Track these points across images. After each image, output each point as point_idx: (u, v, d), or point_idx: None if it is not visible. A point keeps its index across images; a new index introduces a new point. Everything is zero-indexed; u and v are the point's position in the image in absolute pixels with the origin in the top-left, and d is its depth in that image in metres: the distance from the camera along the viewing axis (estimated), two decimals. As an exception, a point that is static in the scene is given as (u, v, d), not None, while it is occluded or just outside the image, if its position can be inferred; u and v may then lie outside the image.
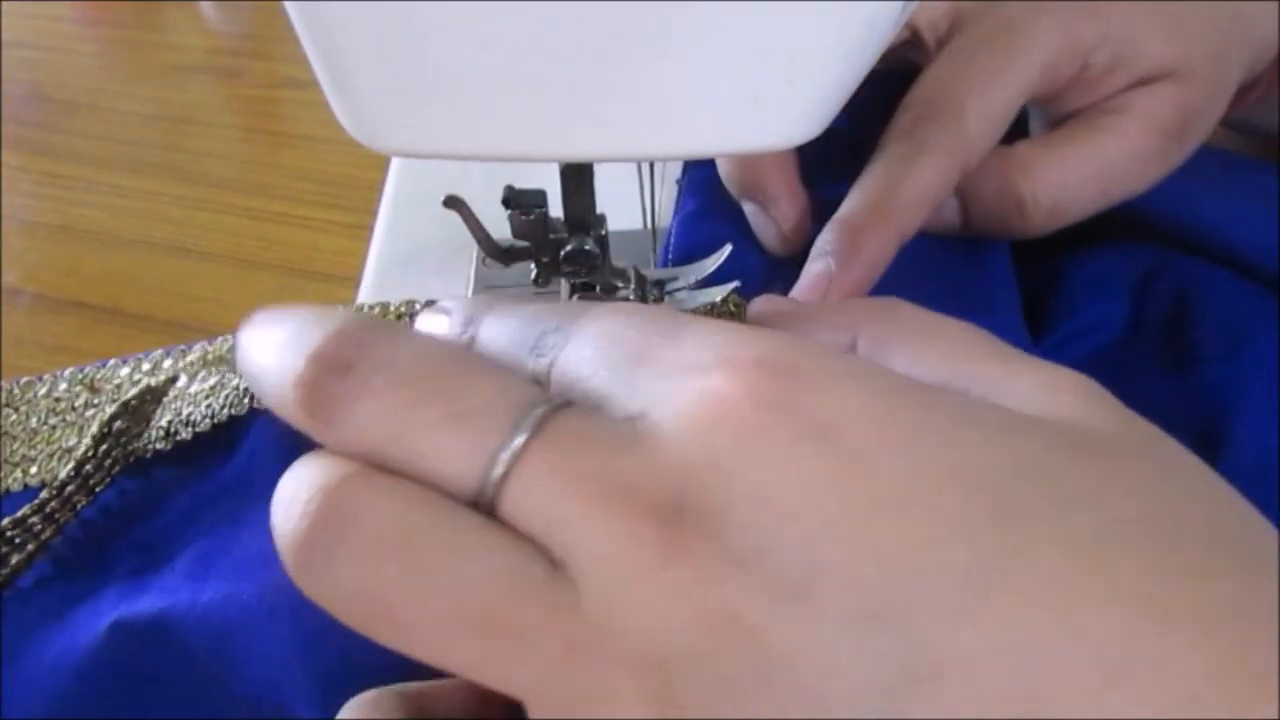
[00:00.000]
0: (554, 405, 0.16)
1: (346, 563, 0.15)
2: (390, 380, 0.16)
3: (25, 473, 0.26)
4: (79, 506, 0.25)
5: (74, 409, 0.27)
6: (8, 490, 0.26)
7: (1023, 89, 0.29)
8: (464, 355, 0.17)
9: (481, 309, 0.21)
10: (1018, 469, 0.15)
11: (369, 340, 0.17)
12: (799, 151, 0.26)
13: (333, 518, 0.15)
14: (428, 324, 0.22)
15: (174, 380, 0.25)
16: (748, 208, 0.30)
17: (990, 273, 0.30)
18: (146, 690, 0.22)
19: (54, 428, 0.27)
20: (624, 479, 0.15)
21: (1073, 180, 0.29)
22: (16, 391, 0.28)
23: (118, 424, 0.24)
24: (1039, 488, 0.15)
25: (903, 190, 0.27)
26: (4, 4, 0.67)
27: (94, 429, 0.24)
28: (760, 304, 0.24)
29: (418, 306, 0.28)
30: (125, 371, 0.28)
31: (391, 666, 0.20)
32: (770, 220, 0.30)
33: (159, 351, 0.29)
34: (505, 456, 0.16)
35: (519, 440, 0.16)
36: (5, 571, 0.24)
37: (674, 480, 0.15)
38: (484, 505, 0.16)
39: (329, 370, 0.17)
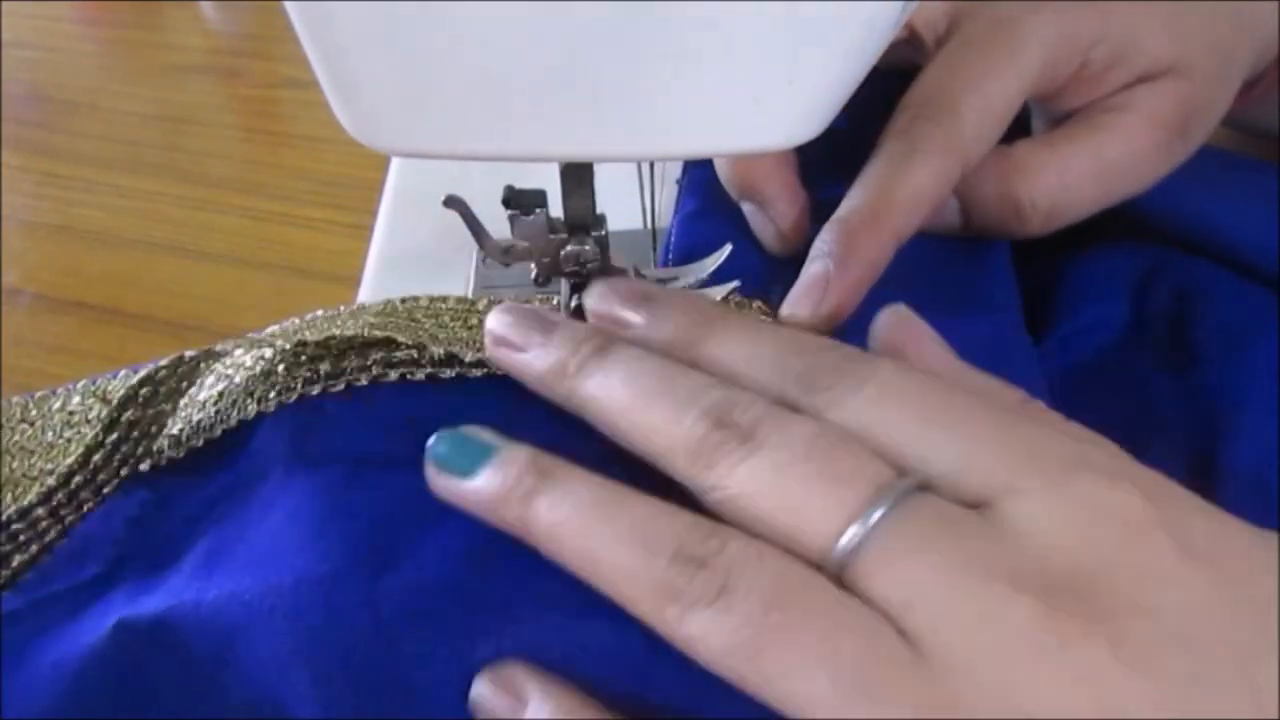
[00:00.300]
0: (914, 484, 0.18)
1: (725, 613, 0.17)
2: (779, 442, 0.19)
3: (43, 485, 0.26)
4: (86, 506, 0.24)
5: (88, 421, 0.28)
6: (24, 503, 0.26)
7: (1021, 87, 0.29)
8: (828, 430, 0.19)
9: (701, 319, 0.23)
10: None
11: (763, 412, 0.19)
12: (799, 151, 0.26)
13: (712, 573, 0.17)
14: (608, 303, 0.24)
15: (181, 376, 0.25)
16: (746, 208, 0.30)
17: (990, 273, 0.30)
18: (147, 690, 0.22)
19: (69, 440, 0.27)
20: (992, 562, 0.16)
21: (1072, 180, 0.29)
22: (31, 405, 0.28)
23: (128, 414, 0.24)
24: None
25: (899, 190, 0.27)
26: (4, 4, 0.67)
27: (103, 416, 0.24)
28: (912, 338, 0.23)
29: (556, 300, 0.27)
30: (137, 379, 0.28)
31: (390, 668, 0.20)
32: (768, 220, 0.30)
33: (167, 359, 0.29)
34: (866, 523, 0.17)
35: (880, 510, 0.17)
36: (7, 572, 0.24)
37: (1047, 570, 0.16)
38: (830, 567, 0.17)
39: (729, 434, 0.19)
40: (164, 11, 0.68)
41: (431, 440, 0.21)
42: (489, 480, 0.20)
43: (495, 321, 0.23)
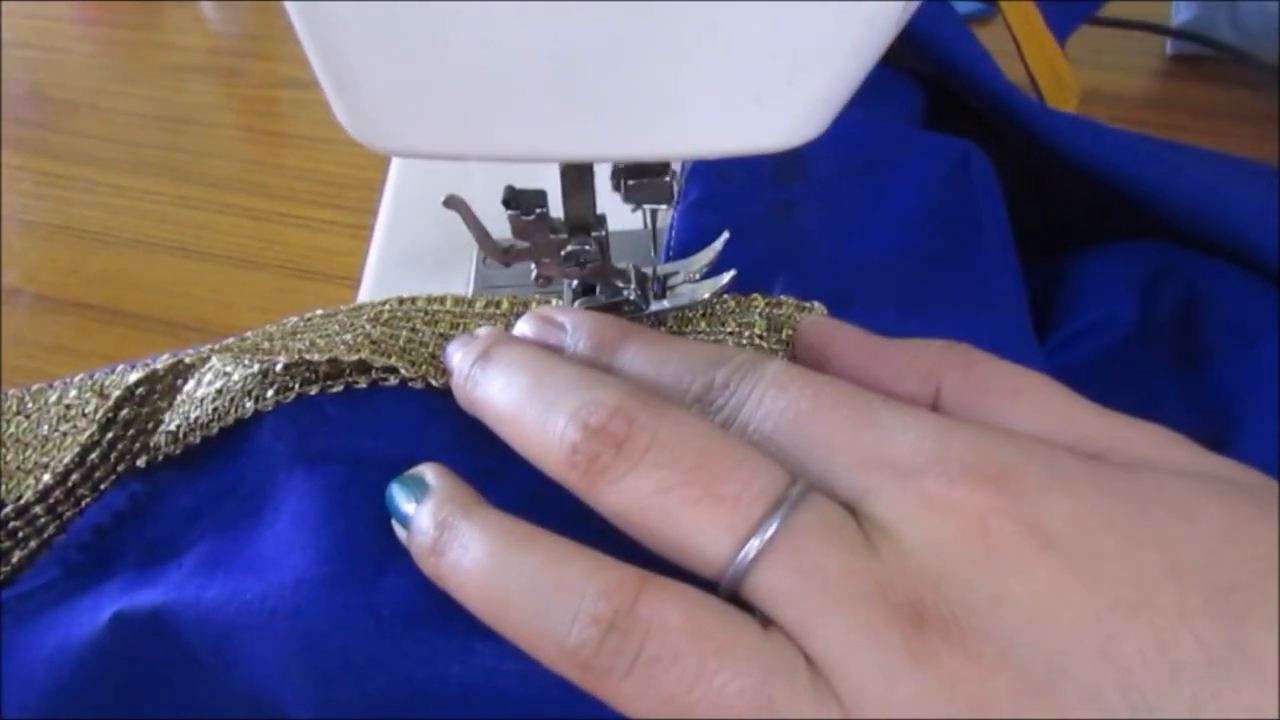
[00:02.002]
0: (798, 496, 0.18)
1: (646, 669, 0.17)
2: (658, 459, 0.18)
3: (38, 480, 0.26)
4: (84, 501, 0.24)
5: (84, 415, 0.27)
6: (20, 497, 0.26)
7: None
8: (720, 437, 0.19)
9: (614, 334, 0.22)
10: (1216, 548, 0.16)
11: (640, 417, 0.19)
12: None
13: (629, 627, 0.17)
14: (533, 331, 0.23)
15: (178, 374, 0.25)
16: None
17: (996, 271, 0.30)
18: (145, 684, 0.22)
19: (65, 434, 0.27)
20: (866, 585, 0.17)
21: None
22: (28, 398, 0.28)
23: (124, 412, 0.24)
24: (1240, 563, 0.16)
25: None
26: (4, 4, 0.67)
27: (99, 415, 0.24)
28: (828, 336, 0.23)
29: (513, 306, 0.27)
30: (134, 377, 0.28)
31: (390, 669, 0.20)
32: None
33: (165, 356, 0.29)
34: (755, 544, 0.17)
35: (769, 531, 0.17)
36: (7, 568, 0.24)
37: (913, 586, 0.17)
38: (727, 585, 0.18)
39: (602, 443, 0.18)
40: (164, 11, 0.68)
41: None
42: (408, 537, 0.20)
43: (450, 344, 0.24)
